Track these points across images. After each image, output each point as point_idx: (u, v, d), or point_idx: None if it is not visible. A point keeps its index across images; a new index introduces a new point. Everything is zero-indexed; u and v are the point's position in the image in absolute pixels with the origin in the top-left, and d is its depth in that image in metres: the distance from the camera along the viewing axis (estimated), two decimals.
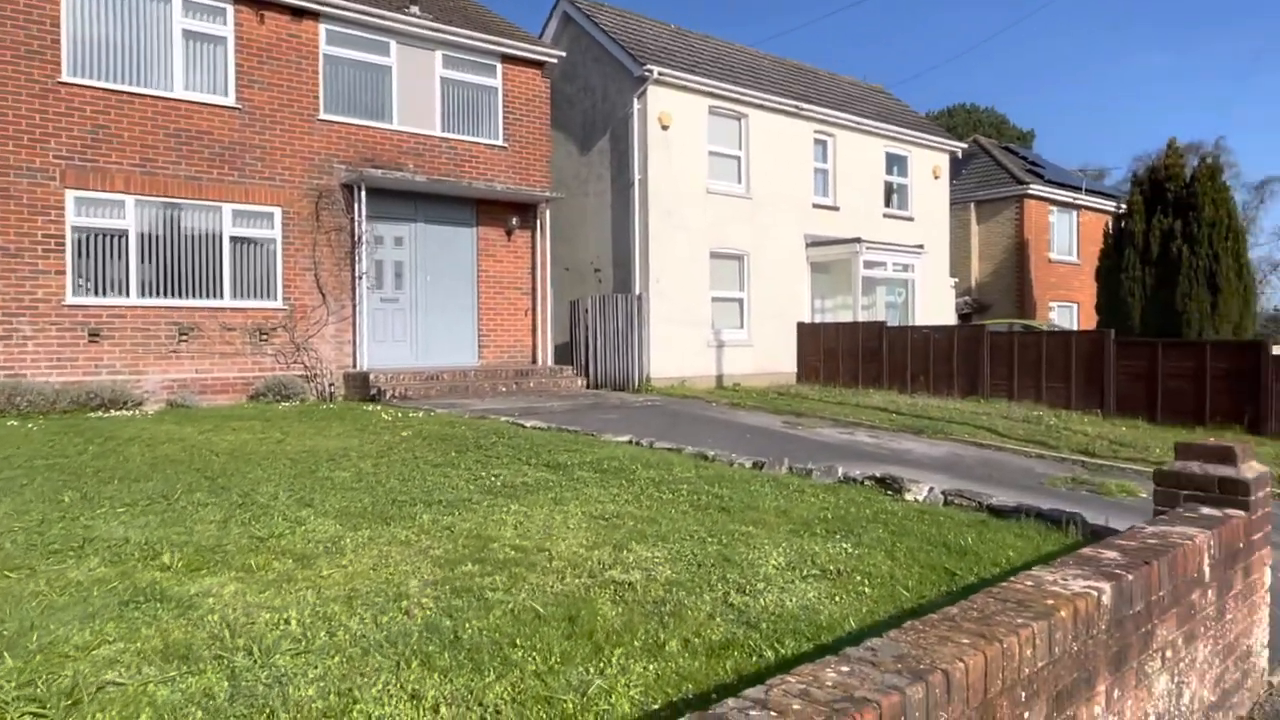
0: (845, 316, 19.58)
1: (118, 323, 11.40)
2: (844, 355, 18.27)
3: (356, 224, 13.05)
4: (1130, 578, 2.85)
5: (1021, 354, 15.43)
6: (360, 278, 13.11)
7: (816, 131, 19.85)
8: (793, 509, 5.10)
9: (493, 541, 4.31)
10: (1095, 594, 2.65)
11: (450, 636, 3.01)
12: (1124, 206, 22.00)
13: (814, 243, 19.51)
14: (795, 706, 1.83)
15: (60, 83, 11.00)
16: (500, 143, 14.88)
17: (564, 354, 18.74)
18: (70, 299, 11.08)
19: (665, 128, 16.98)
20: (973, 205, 26.91)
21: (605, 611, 3.29)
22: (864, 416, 13.62)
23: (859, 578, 3.73)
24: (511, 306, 15.07)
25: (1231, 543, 3.66)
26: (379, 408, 11.09)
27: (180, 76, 11.91)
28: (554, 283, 19.20)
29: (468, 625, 3.12)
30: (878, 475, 5.98)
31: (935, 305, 21.85)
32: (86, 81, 11.19)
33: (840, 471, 6.23)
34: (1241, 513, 3.84)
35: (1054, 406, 14.80)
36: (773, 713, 1.81)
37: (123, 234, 11.48)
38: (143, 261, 11.64)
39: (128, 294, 11.50)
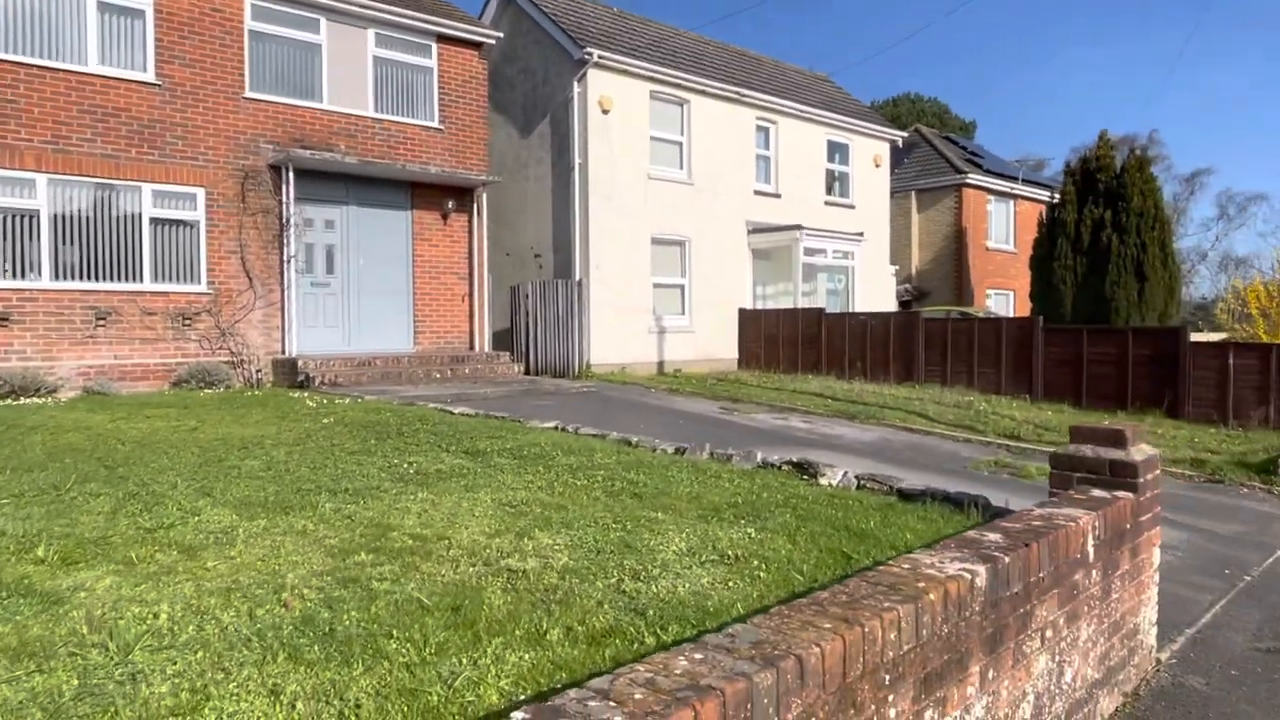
0: (787, 303, 19.73)
1: (29, 306, 10.93)
2: (784, 342, 18.42)
3: (285, 206, 12.70)
4: (1007, 560, 2.88)
5: (955, 340, 15.71)
6: (288, 261, 12.78)
7: (759, 118, 19.89)
8: (705, 494, 5.09)
9: (393, 530, 4.21)
10: (969, 576, 2.67)
11: (325, 629, 2.92)
12: (1058, 196, 22.49)
13: (756, 229, 19.59)
14: (637, 696, 1.79)
15: None
16: (436, 125, 14.61)
17: (504, 340, 18.56)
18: None
19: (606, 112, 16.85)
20: (913, 194, 27.30)
21: (493, 601, 3.22)
22: (800, 402, 13.74)
23: (756, 562, 3.73)
24: (448, 292, 14.84)
25: (1118, 524, 3.73)
26: (306, 395, 10.85)
27: (95, 51, 11.42)
28: (494, 268, 19.00)
29: (346, 617, 3.03)
30: (794, 460, 6.01)
31: (876, 292, 22.13)
32: None
33: (759, 457, 6.25)
34: (1130, 494, 3.93)
35: (985, 391, 15.11)
36: (612, 703, 1.77)
37: (34, 214, 11.00)
38: (56, 243, 11.18)
39: (40, 276, 11.04)
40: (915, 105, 43.96)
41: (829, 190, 21.82)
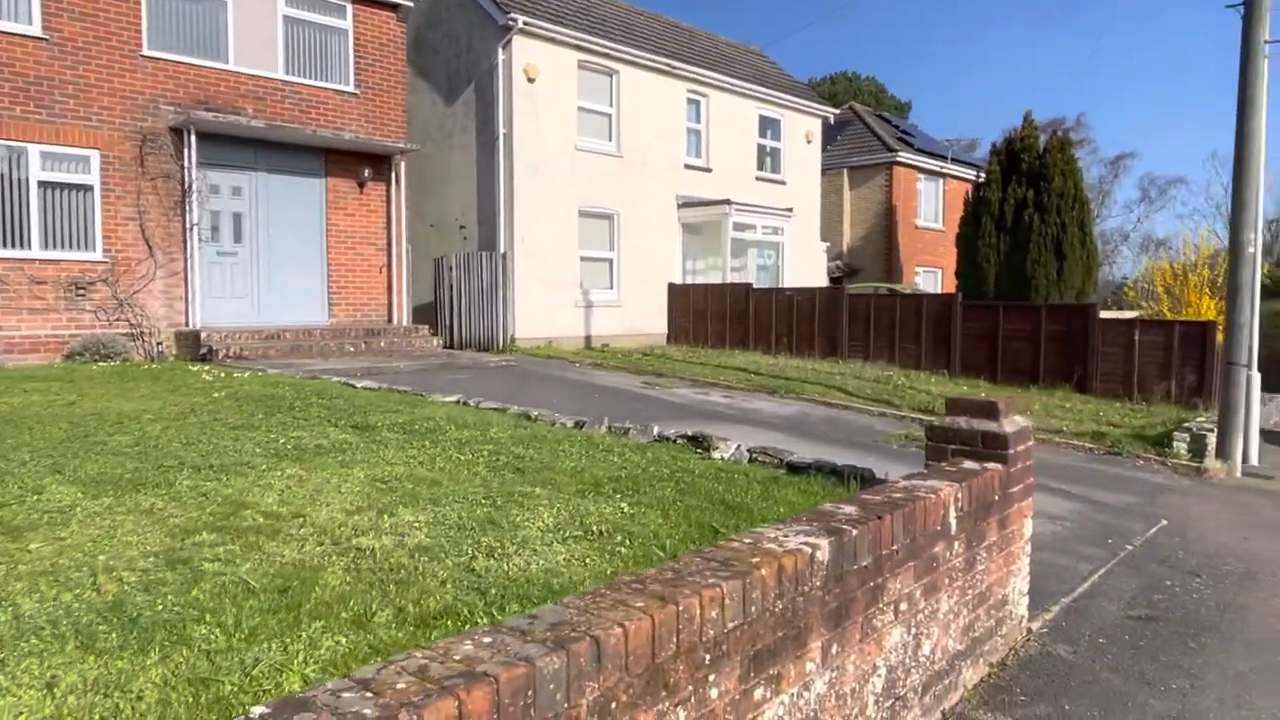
0: (717, 278, 19.69)
1: None
2: (712, 317, 18.40)
3: (186, 171, 12.11)
4: (854, 533, 2.81)
5: (877, 316, 15.86)
6: (191, 229, 12.21)
7: (690, 91, 19.71)
8: (591, 469, 4.97)
9: (247, 508, 3.99)
10: (808, 550, 2.59)
11: (133, 615, 2.71)
12: (983, 176, 22.86)
13: (686, 204, 19.47)
14: (400, 685, 1.65)
15: None
16: (351, 89, 14.08)
17: (427, 314, 18.15)
18: None
19: (531, 80, 16.47)
20: (846, 171, 27.48)
21: (329, 582, 3.05)
22: (723, 377, 13.73)
23: (620, 538, 3.62)
24: (365, 263, 14.40)
25: (984, 495, 3.72)
26: (206, 368, 10.41)
27: None
28: (418, 240, 18.53)
29: (161, 602, 2.83)
30: (690, 434, 5.92)
31: (807, 268, 22.25)
32: None
33: (656, 430, 6.15)
34: (1000, 466, 3.92)
35: (905, 367, 15.32)
36: (369, 694, 1.62)
37: None
38: None
39: None
40: (852, 84, 44.22)
41: (760, 166, 21.79)
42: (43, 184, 11.22)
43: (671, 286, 19.17)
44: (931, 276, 28.56)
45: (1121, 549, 5.86)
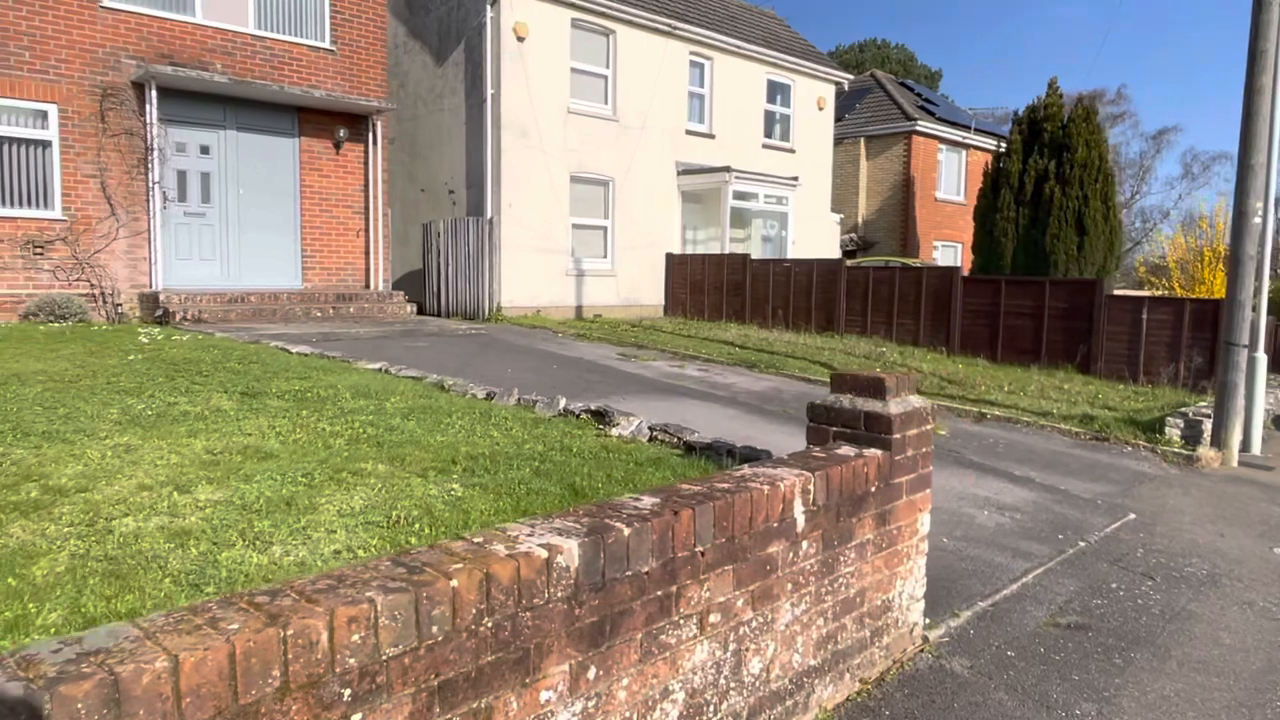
0: (717, 249, 19.04)
1: None
2: (710, 288, 17.81)
3: (148, 127, 11.75)
4: (628, 532, 2.29)
5: (876, 291, 15.17)
6: (153, 187, 11.87)
7: (693, 53, 18.96)
8: (459, 445, 4.49)
9: (33, 481, 3.57)
10: (543, 555, 2.09)
11: None
12: (1004, 146, 21.85)
13: (686, 171, 18.80)
14: None
15: None
16: (327, 45, 13.60)
17: (417, 280, 17.79)
18: None
19: (521, 39, 15.87)
20: (863, 140, 26.52)
21: (34, 573, 2.61)
22: (707, 350, 13.18)
23: (420, 526, 3.14)
24: (341, 226, 13.99)
25: (851, 488, 3.18)
26: (154, 330, 10.09)
27: None
28: (409, 204, 18.13)
29: None
30: (594, 409, 5.42)
31: (815, 240, 21.49)
32: None
33: (563, 404, 5.65)
34: (880, 452, 3.37)
35: (903, 343, 14.64)
36: None
37: None
38: None
39: None
40: (881, 51, 42.82)
41: (768, 133, 21.01)
42: None
43: (669, 256, 18.58)
44: (951, 251, 27.61)
45: (1071, 545, 5.27)
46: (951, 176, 27.50)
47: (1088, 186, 20.18)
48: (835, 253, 23.26)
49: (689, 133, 18.97)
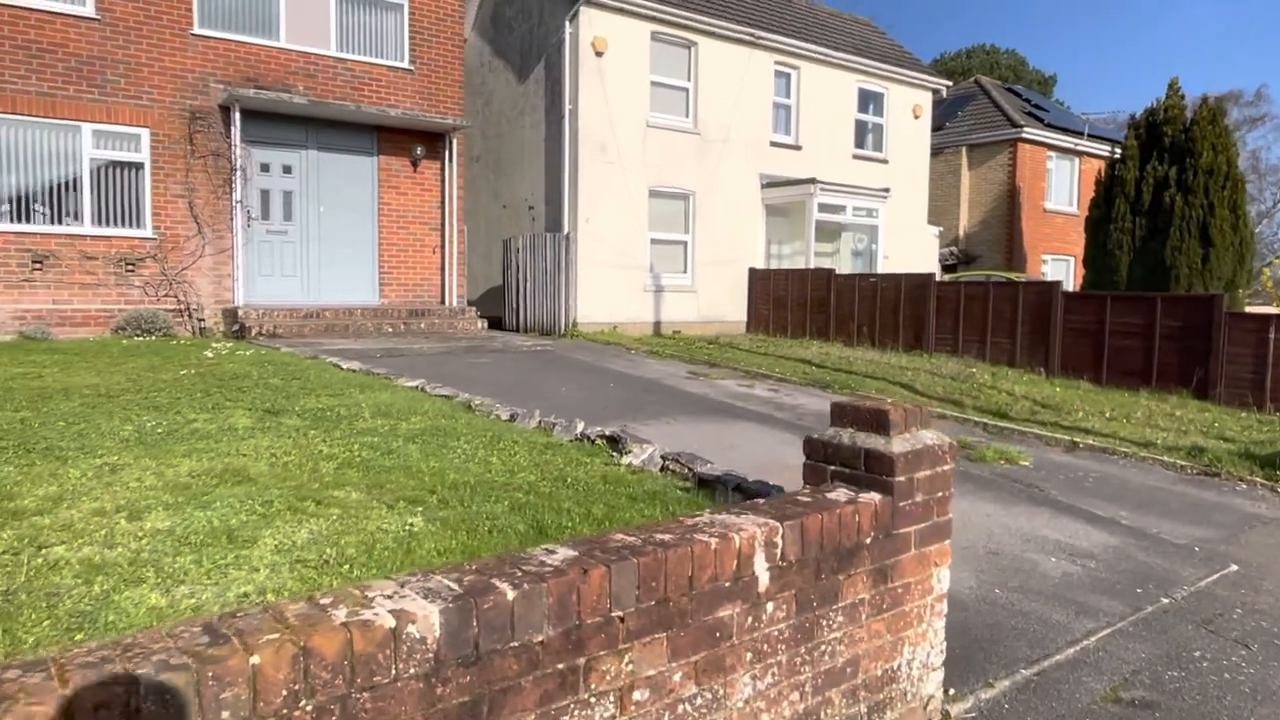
0: (803, 263, 18.41)
1: None
2: (793, 305, 17.20)
3: (233, 149, 12.16)
4: (512, 595, 1.94)
5: (968, 307, 14.25)
6: (237, 206, 12.27)
7: (778, 63, 18.46)
8: (446, 471, 4.24)
9: None
10: (390, 624, 1.75)
11: None
12: (1119, 153, 20.39)
13: (770, 184, 18.28)
14: None
15: None
16: (406, 65, 13.82)
17: (499, 297, 17.89)
18: None
19: (600, 54, 15.77)
20: (964, 149, 25.29)
21: None
22: (782, 369, 12.63)
23: (348, 568, 2.86)
24: (418, 243, 14.15)
25: (836, 539, 2.71)
26: (227, 344, 10.35)
27: None
28: (493, 221, 18.29)
29: None
30: (608, 434, 5.06)
31: (910, 254, 20.54)
32: None
33: (580, 428, 5.32)
34: (880, 497, 2.89)
35: (996, 363, 13.69)
36: None
37: None
38: None
39: None
40: (989, 57, 40.99)
41: (859, 143, 20.25)
42: (94, 162, 11.50)
43: (752, 271, 18.07)
44: (1062, 265, 25.98)
45: (1151, 602, 4.57)
46: (1062, 186, 25.90)
47: (1214, 194, 18.57)
48: (932, 267, 22.18)
49: (774, 144, 18.46)
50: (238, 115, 12.01)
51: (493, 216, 18.39)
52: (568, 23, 15.61)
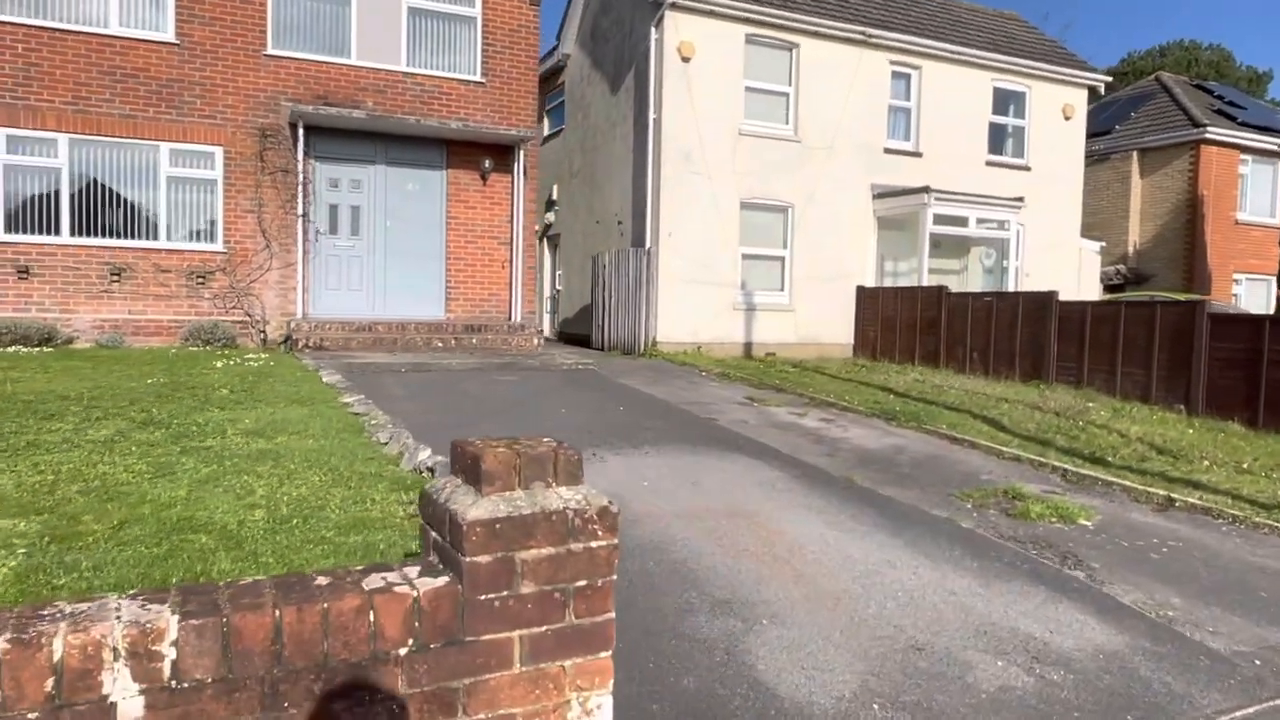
0: (931, 280, 16.62)
1: (48, 261, 11.45)
2: (902, 326, 15.54)
3: (301, 165, 12.37)
4: None
5: (1094, 330, 12.17)
6: (299, 219, 12.46)
7: (895, 63, 16.88)
8: (170, 502, 3.58)
9: None
10: None
11: None
12: None
13: (883, 194, 16.69)
14: None
15: None
16: (478, 78, 13.63)
17: (585, 316, 17.40)
18: (1, 235, 11.22)
19: (686, 60, 14.97)
20: (1135, 154, 22.25)
21: None
22: (857, 398, 11.23)
23: None
24: (485, 257, 13.88)
25: (314, 650, 1.76)
26: (261, 356, 10.39)
27: (115, 12, 11.68)
28: (587, 236, 17.87)
29: None
30: (431, 465, 4.23)
31: (1058, 272, 18.15)
32: (18, 19, 11.19)
33: (422, 457, 4.53)
34: (438, 585, 1.91)
35: (1126, 398, 11.54)
36: None
37: (55, 172, 11.48)
38: (75, 200, 11.61)
39: (59, 232, 11.52)
40: (1187, 54, 36.34)
41: (995, 148, 18.17)
42: (171, 179, 12.02)
43: (860, 290, 16.55)
44: (1260, 286, 22.24)
45: None
46: (1261, 193, 22.21)
47: None
48: (1090, 288, 19.55)
49: (888, 151, 16.86)
50: (303, 132, 12.21)
51: (588, 232, 17.97)
52: (653, 28, 14.94)
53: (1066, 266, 18.76)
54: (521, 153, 13.64)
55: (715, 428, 8.46)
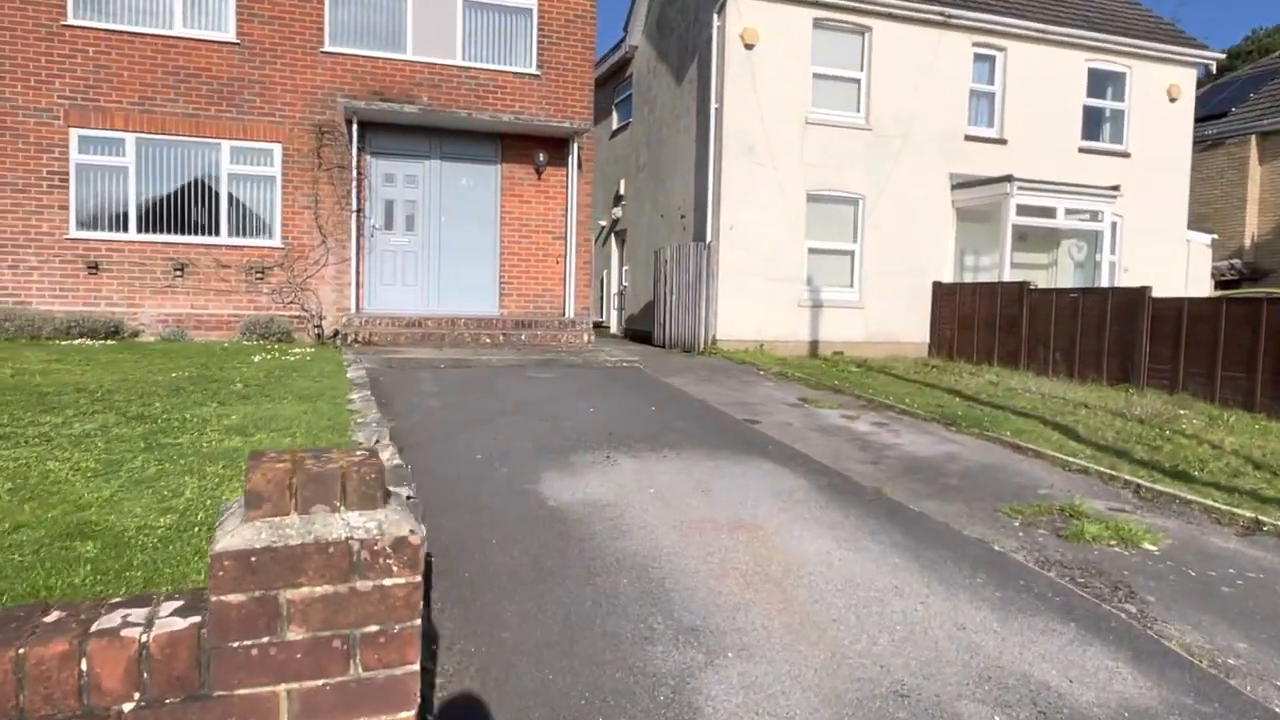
0: (1015, 276, 15.60)
1: (116, 256, 11.82)
2: (980, 324, 14.61)
3: (356, 161, 12.43)
4: None
5: (1191, 329, 11.07)
6: (354, 214, 12.52)
7: (977, 44, 15.89)
8: (76, 497, 3.39)
9: None
10: None
11: None
12: None
13: (962, 184, 15.73)
14: None
15: (65, 25, 11.48)
16: (533, 70, 13.43)
17: (650, 313, 17.03)
18: (73, 232, 11.65)
19: (750, 46, 14.41)
20: (1254, 139, 20.41)
21: None
22: (919, 400, 10.52)
23: None
24: (540, 252, 13.67)
25: None
26: (302, 350, 10.44)
27: (180, 14, 11.96)
28: (652, 231, 17.52)
29: None
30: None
31: (1162, 266, 16.79)
32: (89, 23, 11.58)
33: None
34: (177, 627, 1.58)
35: (1226, 405, 10.44)
36: None
37: (123, 170, 11.84)
38: (141, 198, 11.96)
39: (126, 229, 11.88)
40: None
41: (1088, 133, 16.91)
42: (231, 176, 12.25)
43: (936, 286, 15.65)
44: None
45: None
46: None
47: None
48: (1199, 284, 18.05)
49: (969, 138, 15.88)
50: (356, 128, 12.26)
51: (653, 227, 17.60)
52: (715, 15, 14.44)
53: (1171, 261, 17.33)
54: (576, 145, 13.38)
55: (749, 431, 7.97)
